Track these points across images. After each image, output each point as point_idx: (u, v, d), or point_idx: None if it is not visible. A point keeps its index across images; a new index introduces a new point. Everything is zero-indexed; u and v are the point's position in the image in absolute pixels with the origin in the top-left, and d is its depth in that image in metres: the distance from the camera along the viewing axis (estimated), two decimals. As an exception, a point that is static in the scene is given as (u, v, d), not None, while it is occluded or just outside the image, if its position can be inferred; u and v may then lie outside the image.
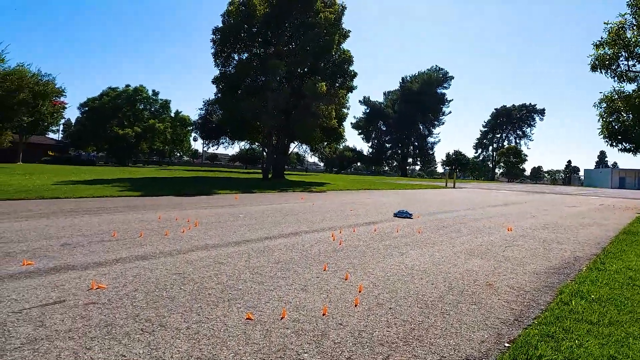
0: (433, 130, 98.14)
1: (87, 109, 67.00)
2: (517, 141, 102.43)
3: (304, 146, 46.69)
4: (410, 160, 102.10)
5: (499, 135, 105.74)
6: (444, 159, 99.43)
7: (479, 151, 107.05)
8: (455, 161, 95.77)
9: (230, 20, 31.06)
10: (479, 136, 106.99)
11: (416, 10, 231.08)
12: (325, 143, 37.87)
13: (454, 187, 31.96)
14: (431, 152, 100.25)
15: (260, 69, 29.84)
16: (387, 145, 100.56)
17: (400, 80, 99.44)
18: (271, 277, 4.15)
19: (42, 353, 2.39)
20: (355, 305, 3.42)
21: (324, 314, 3.19)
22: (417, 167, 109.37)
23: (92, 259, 4.52)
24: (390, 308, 3.41)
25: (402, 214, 9.96)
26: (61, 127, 73.50)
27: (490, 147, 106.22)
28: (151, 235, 6.03)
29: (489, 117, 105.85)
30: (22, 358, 2.32)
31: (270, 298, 3.50)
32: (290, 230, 7.12)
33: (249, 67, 30.41)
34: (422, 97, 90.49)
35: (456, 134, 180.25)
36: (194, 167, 67.03)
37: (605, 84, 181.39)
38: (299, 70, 31.24)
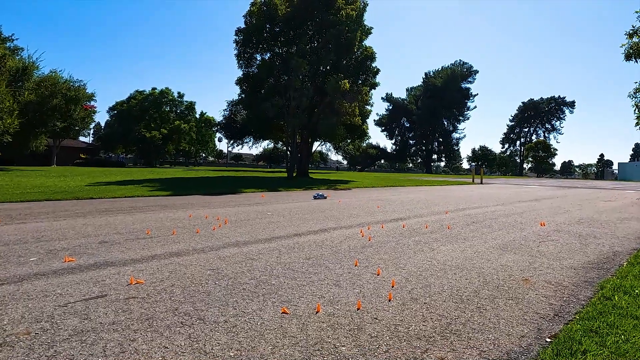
0: (458, 125, 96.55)
1: (115, 112, 69.10)
2: (546, 135, 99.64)
3: (327, 144, 46.75)
4: (434, 156, 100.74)
5: (526, 130, 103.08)
6: (470, 154, 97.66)
7: (506, 146, 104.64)
8: (482, 157, 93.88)
9: (252, 20, 31.35)
10: (505, 131, 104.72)
11: (439, 3, 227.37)
12: (349, 140, 37.75)
13: (481, 183, 31.34)
14: (456, 148, 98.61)
15: (282, 69, 30.02)
16: (411, 141, 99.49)
17: (424, 76, 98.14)
18: (303, 272, 4.17)
19: (89, 344, 2.48)
20: (389, 300, 3.40)
21: (358, 308, 3.19)
22: (442, 164, 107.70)
23: (129, 256, 4.66)
24: (424, 303, 3.38)
25: (318, 196, 12.46)
26: (92, 131, 75.87)
27: (518, 142, 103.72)
28: (183, 233, 6.16)
29: (516, 111, 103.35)
30: (71, 349, 2.41)
31: (304, 293, 3.53)
32: (318, 227, 7.14)
33: (272, 66, 30.63)
34: (446, 93, 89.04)
35: (482, 129, 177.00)
36: (219, 167, 68.07)
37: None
38: (321, 68, 31.25)
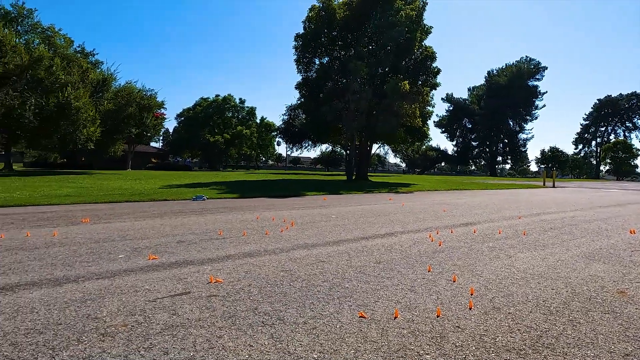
0: (525, 125, 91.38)
1: (182, 118, 73.19)
2: (627, 134, 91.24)
3: (386, 147, 46.23)
4: (499, 158, 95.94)
5: (603, 129, 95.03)
6: (539, 156, 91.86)
7: (580, 147, 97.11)
8: (552, 158, 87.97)
9: (311, 26, 31.81)
10: (579, 130, 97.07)
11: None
12: (409, 143, 37.03)
13: (553, 187, 29.34)
14: (523, 150, 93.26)
15: (341, 72, 30.13)
16: (473, 143, 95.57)
17: (486, 75, 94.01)
18: (375, 276, 4.12)
19: (180, 338, 2.60)
20: (470, 308, 3.25)
21: (438, 316, 3.08)
22: (507, 166, 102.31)
23: (206, 255, 4.87)
24: (509, 313, 3.19)
25: (197, 198, 11.15)
26: (161, 137, 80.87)
27: (594, 142, 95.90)
28: (253, 234, 6.34)
29: (591, 109, 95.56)
30: (164, 342, 2.54)
31: (379, 297, 3.47)
32: (384, 230, 7.04)
33: (330, 70, 30.86)
34: (511, 91, 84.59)
35: (552, 129, 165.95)
36: (279, 171, 69.68)
37: None
38: (380, 70, 30.97)
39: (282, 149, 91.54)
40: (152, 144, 68.24)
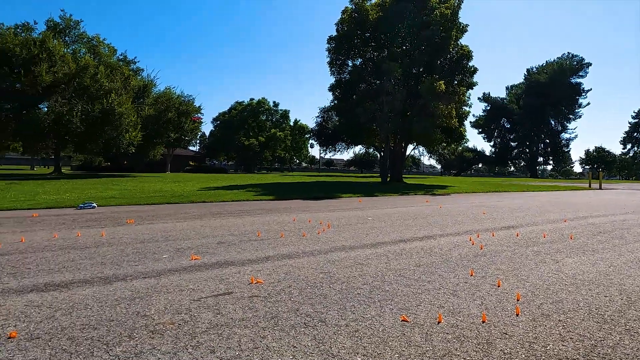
0: (567, 125, 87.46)
1: (218, 122, 74.92)
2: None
3: (421, 148, 45.54)
4: (540, 159, 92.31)
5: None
6: (583, 157, 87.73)
7: (629, 146, 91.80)
8: (598, 159, 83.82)
9: (343, 28, 31.82)
10: (627, 129, 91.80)
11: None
12: (445, 144, 36.29)
13: (599, 189, 27.93)
14: (566, 150, 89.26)
15: (374, 73, 29.97)
16: (512, 144, 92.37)
17: (525, 72, 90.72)
18: (416, 280, 4.05)
19: (225, 337, 2.65)
20: (517, 315, 3.14)
21: (483, 321, 2.99)
22: (549, 167, 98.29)
23: (245, 256, 4.95)
24: (559, 320, 3.06)
25: (87, 205, 9.73)
26: (198, 140, 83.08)
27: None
28: (291, 236, 6.39)
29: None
30: (210, 341, 2.60)
31: (420, 301, 3.41)
32: (423, 233, 6.93)
33: (363, 72, 30.76)
34: (553, 89, 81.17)
35: (597, 128, 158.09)
36: (312, 173, 70.03)
37: None
38: (414, 70, 30.58)
39: (315, 151, 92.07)
40: (190, 147, 70.33)
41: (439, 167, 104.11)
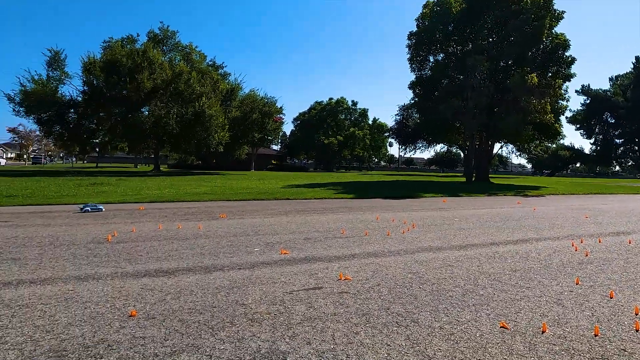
0: (688, 118, 75.93)
1: (298, 122, 76.91)
2: None
3: (509, 146, 42.69)
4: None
5: None
6: None
7: None
8: None
9: (424, 23, 30.91)
10: None
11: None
12: (537, 141, 33.62)
13: None
14: (686, 147, 77.70)
15: (458, 68, 28.69)
16: (618, 140, 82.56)
17: (634, 61, 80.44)
18: (513, 285, 3.81)
19: (319, 330, 2.72)
20: (637, 330, 2.81)
21: (595, 335, 2.72)
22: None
23: (332, 253, 5.03)
24: (691, 340, 2.68)
25: (94, 208, 8.73)
26: (279, 140, 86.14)
27: None
28: (375, 234, 6.37)
29: None
30: (305, 332, 2.69)
31: (520, 308, 3.20)
32: (517, 236, 6.49)
33: (446, 67, 29.60)
34: (670, 78, 71.07)
35: None
36: (391, 172, 69.08)
37: None
38: (502, 63, 28.73)
39: (394, 149, 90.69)
40: (272, 146, 73.15)
41: (529, 166, 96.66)
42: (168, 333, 2.63)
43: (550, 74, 27.79)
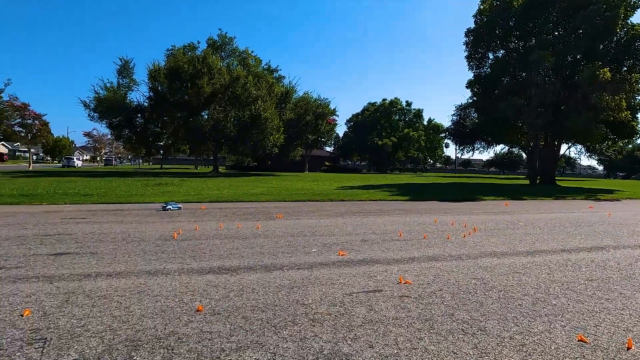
0: None
1: (351, 124, 76.83)
2: None
3: (578, 146, 39.89)
4: None
5: None
6: None
7: None
8: None
9: (483, 19, 29.71)
10: None
11: None
12: (609, 141, 31.13)
13: None
14: None
15: (519, 65, 27.28)
16: None
17: None
18: (589, 296, 3.53)
19: (382, 334, 2.67)
20: None
21: (693, 356, 2.45)
22: None
23: (390, 256, 4.94)
24: None
25: (175, 207, 9.20)
26: (332, 141, 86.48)
27: None
28: (434, 238, 6.18)
29: None
30: (367, 335, 2.65)
31: (599, 321, 2.96)
32: (590, 243, 6.03)
33: (507, 64, 28.22)
34: None
35: None
36: (447, 174, 67.01)
37: None
38: (569, 58, 26.92)
39: (450, 151, 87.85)
40: (325, 148, 73.62)
41: (600, 168, 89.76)
42: (233, 329, 2.70)
43: (625, 68, 25.64)
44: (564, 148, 32.30)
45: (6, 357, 2.27)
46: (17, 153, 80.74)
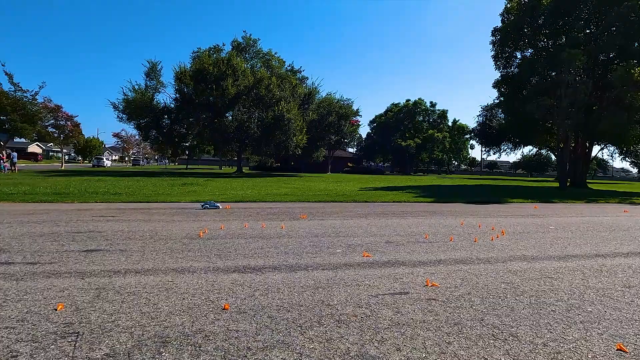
0: None
1: (374, 124, 76.45)
2: None
3: (611, 148, 38.51)
4: None
5: None
6: None
7: None
8: None
9: (510, 17, 29.06)
10: None
11: None
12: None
13: None
14: None
15: (549, 64, 26.47)
16: None
17: None
18: (628, 303, 3.38)
19: (409, 337, 2.62)
20: None
21: None
22: None
23: (416, 258, 4.86)
24: None
25: (208, 205, 9.56)
26: (355, 142, 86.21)
27: None
28: (461, 240, 6.06)
29: None
30: (394, 338, 2.60)
31: (639, 330, 2.82)
32: (627, 248, 5.79)
33: (535, 63, 27.46)
34: None
35: None
36: (473, 175, 65.78)
37: None
38: (601, 57, 25.99)
39: (476, 152, 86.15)
40: (348, 149, 73.47)
41: (634, 170, 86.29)
42: (259, 328, 2.70)
43: (662, 66, 24.55)
44: (595, 149, 31.23)
45: (41, 349, 2.33)
46: (50, 153, 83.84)
